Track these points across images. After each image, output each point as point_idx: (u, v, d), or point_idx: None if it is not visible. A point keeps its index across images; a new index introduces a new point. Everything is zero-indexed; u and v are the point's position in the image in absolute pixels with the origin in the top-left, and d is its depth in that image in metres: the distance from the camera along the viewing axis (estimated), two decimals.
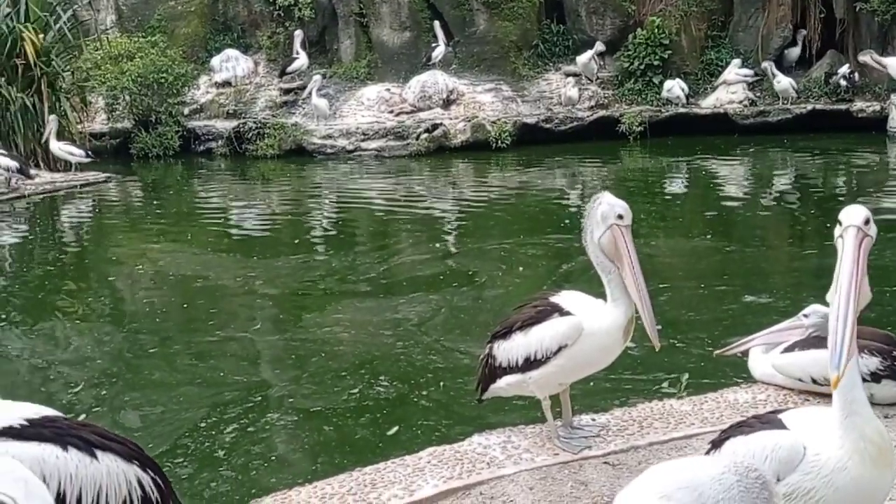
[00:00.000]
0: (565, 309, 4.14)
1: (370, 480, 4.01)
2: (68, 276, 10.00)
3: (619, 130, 16.19)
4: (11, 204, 12.99)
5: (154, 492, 2.87)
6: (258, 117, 16.86)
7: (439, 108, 16.56)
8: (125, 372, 6.68)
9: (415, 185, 14.31)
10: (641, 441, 4.31)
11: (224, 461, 5.16)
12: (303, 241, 10.99)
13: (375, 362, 6.56)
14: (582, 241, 4.12)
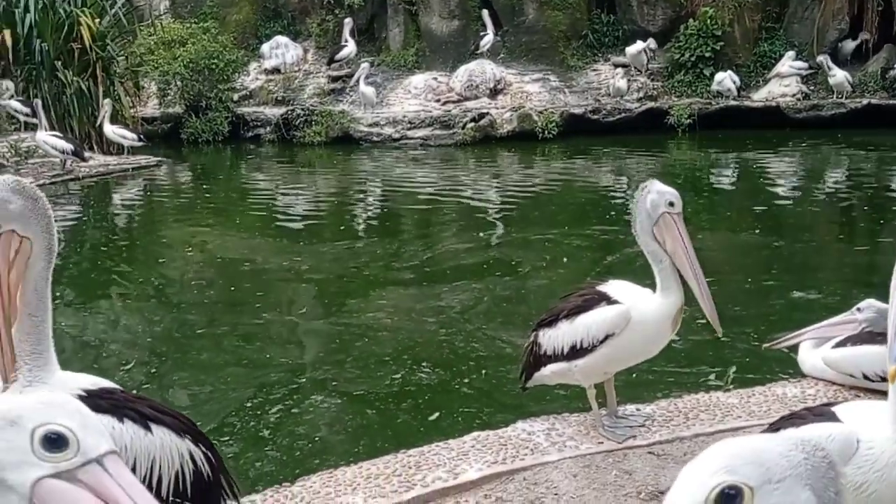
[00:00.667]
0: (613, 298, 4.11)
1: (414, 462, 4.04)
2: (119, 258, 10.20)
3: (667, 123, 16.03)
4: (66, 186, 13.28)
5: (205, 466, 2.93)
6: (306, 104, 17.00)
7: (486, 98, 16.54)
8: (174, 351, 6.82)
9: (460, 174, 14.33)
10: (687, 432, 4.29)
11: (269, 441, 5.25)
12: (348, 227, 11.09)
13: (418, 348, 6.60)
14: (632, 231, 4.09)
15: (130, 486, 1.16)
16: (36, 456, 1.15)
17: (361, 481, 3.89)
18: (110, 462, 1.17)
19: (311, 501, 3.74)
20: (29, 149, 13.64)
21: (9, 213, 2.65)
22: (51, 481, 1.15)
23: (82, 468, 1.16)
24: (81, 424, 1.18)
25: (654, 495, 3.76)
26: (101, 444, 1.18)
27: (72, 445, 1.16)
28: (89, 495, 1.15)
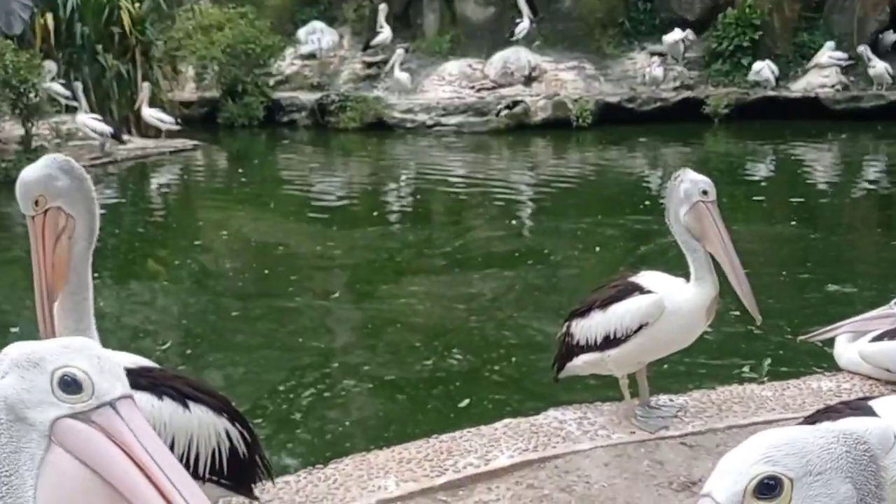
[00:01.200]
0: (646, 288, 4.10)
1: (446, 448, 4.07)
2: (156, 240, 10.35)
3: (703, 112, 15.87)
4: (105, 168, 13.44)
5: (241, 444, 2.99)
6: (341, 90, 17.05)
7: (521, 85, 16.49)
8: (209, 333, 6.92)
9: (493, 162, 14.32)
10: (720, 424, 4.28)
11: (301, 423, 5.32)
12: (381, 213, 11.14)
13: (449, 335, 6.64)
14: (665, 221, 4.08)
15: (140, 431, 1.20)
16: (55, 397, 1.20)
17: (394, 465, 3.93)
18: (123, 406, 1.22)
19: (344, 483, 3.79)
20: (69, 131, 13.84)
21: (56, 189, 2.72)
22: (68, 421, 1.20)
23: (96, 410, 1.21)
24: (98, 369, 1.22)
25: (686, 486, 3.77)
26: (116, 389, 1.22)
27: (87, 388, 1.21)
28: (102, 437, 1.20)
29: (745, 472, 1.13)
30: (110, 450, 1.19)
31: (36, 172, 2.73)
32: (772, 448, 1.13)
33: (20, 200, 2.75)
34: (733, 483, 1.13)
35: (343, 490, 3.74)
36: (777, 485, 1.11)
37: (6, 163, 12.41)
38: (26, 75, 12.69)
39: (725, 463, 1.16)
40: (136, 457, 1.18)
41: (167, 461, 1.20)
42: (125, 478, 1.17)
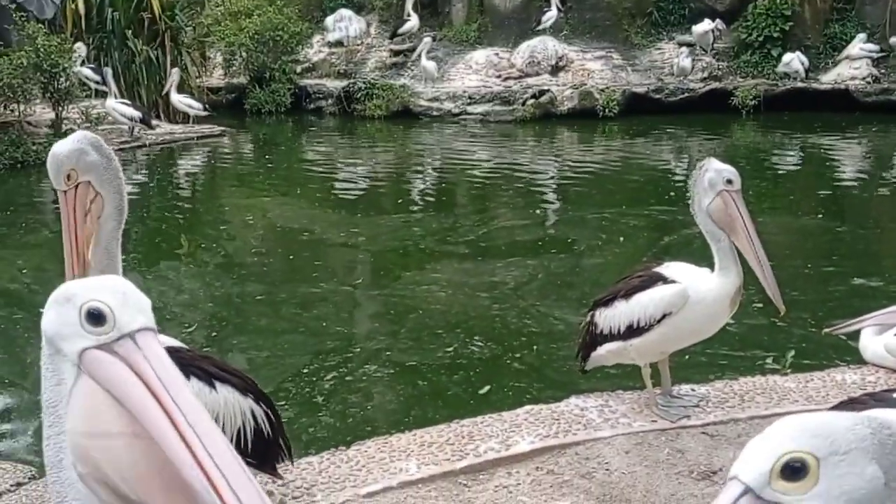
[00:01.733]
0: (670, 278, 4.11)
1: (468, 432, 4.11)
2: (183, 224, 10.45)
3: (731, 104, 15.75)
4: (133, 152, 13.60)
5: (266, 425, 3.04)
6: (368, 78, 17.09)
7: (547, 75, 16.44)
8: (234, 317, 7.00)
9: (518, 151, 14.31)
10: (742, 414, 4.27)
11: (323, 407, 5.37)
12: (405, 200, 11.18)
13: (471, 322, 6.67)
14: (690, 212, 4.07)
15: (157, 361, 1.28)
16: (83, 329, 1.30)
17: (415, 448, 3.97)
18: (142, 337, 1.30)
19: (366, 465, 3.84)
20: (99, 115, 13.99)
21: (87, 164, 2.77)
22: (94, 352, 1.29)
23: (118, 342, 1.29)
24: (121, 302, 1.31)
25: (707, 475, 3.77)
26: (136, 321, 1.30)
27: (109, 321, 1.29)
28: (123, 366, 1.28)
29: (771, 453, 1.14)
30: (129, 378, 1.26)
31: (68, 146, 2.77)
32: (797, 430, 1.14)
33: (52, 174, 2.79)
34: (760, 464, 1.14)
35: (365, 472, 3.78)
36: (803, 466, 1.12)
37: (36, 146, 12.58)
38: (57, 59, 12.84)
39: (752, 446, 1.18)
40: (151, 385, 1.25)
41: (179, 390, 1.26)
42: (139, 405, 1.25)
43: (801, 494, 1.12)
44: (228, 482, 1.21)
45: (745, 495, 1.14)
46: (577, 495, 3.62)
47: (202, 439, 1.24)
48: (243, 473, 1.23)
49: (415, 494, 3.64)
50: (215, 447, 1.24)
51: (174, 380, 1.29)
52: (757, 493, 1.13)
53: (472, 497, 3.64)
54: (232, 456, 1.24)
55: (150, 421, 1.26)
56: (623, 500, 3.58)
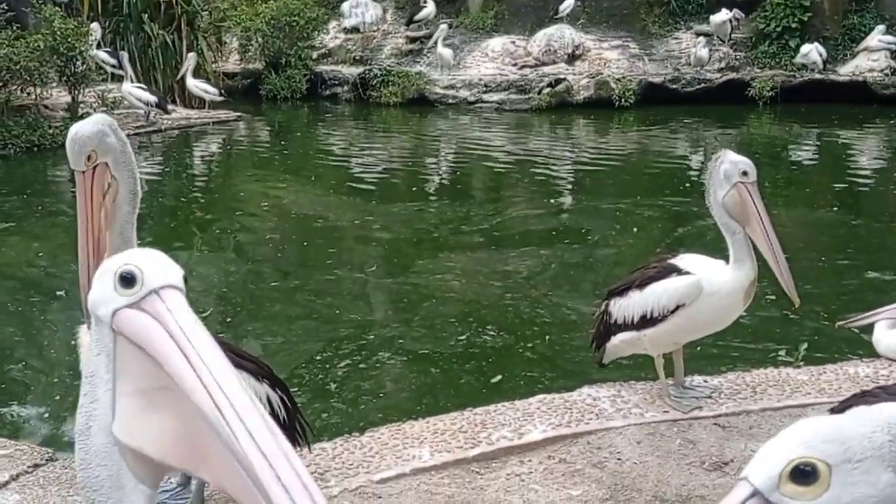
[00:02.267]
0: (684, 269, 4.11)
1: (480, 420, 4.13)
2: (198, 209, 10.51)
3: (748, 94, 15.64)
4: (149, 137, 13.66)
5: (282, 410, 3.08)
6: (383, 64, 17.08)
7: (563, 63, 16.39)
8: (248, 302, 7.05)
9: (534, 140, 14.29)
10: (754, 406, 4.27)
11: (335, 394, 5.42)
12: (420, 189, 11.19)
13: (483, 311, 6.70)
14: (705, 203, 4.07)
15: (177, 311, 1.37)
16: (116, 292, 1.38)
17: (428, 435, 4.00)
18: (166, 293, 1.38)
19: (380, 451, 3.87)
20: (115, 99, 14.05)
21: (106, 146, 2.80)
22: (124, 310, 1.37)
23: (145, 298, 1.37)
24: (149, 264, 1.41)
25: (718, 466, 3.78)
26: (161, 279, 1.39)
27: (139, 280, 1.38)
28: (149, 318, 1.36)
29: (782, 457, 1.14)
30: (155, 329, 1.34)
31: (90, 127, 2.81)
32: (811, 434, 1.13)
33: (73, 155, 2.81)
34: (770, 467, 1.14)
35: (378, 458, 3.82)
36: (814, 471, 1.11)
37: (53, 129, 12.65)
38: (74, 43, 12.90)
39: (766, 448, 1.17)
40: (174, 334, 1.33)
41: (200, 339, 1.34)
42: (162, 352, 1.33)
43: (810, 500, 1.11)
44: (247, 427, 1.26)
45: (752, 497, 1.14)
46: (589, 484, 3.64)
47: (223, 387, 1.30)
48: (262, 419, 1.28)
49: (427, 481, 3.67)
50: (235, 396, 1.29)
51: (195, 329, 1.36)
52: (765, 497, 1.13)
53: (485, 484, 3.66)
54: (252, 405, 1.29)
55: (172, 366, 1.32)
56: (634, 489, 3.60)
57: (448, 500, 3.53)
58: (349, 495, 3.56)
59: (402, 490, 3.60)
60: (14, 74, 12.53)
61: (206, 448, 1.30)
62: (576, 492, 3.60)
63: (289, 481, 1.20)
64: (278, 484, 1.20)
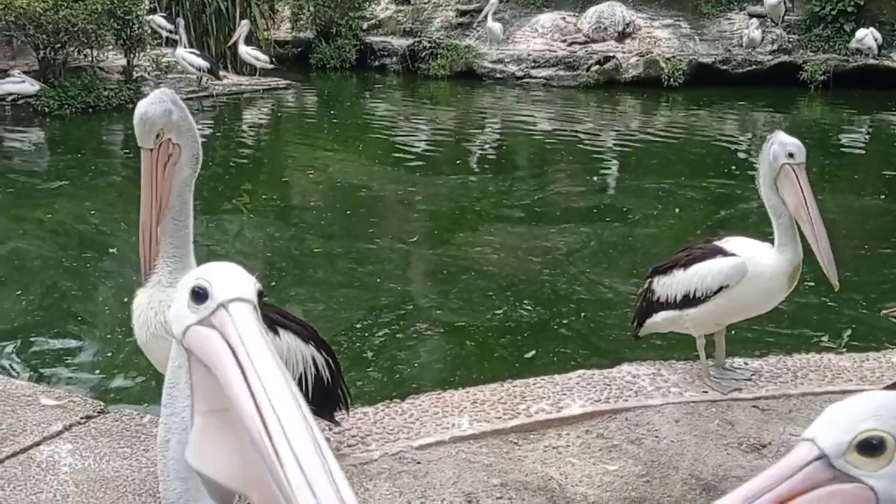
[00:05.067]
0: (729, 251, 4.11)
1: (519, 393, 4.17)
2: (245, 174, 10.69)
3: (799, 78, 15.40)
4: (200, 102, 13.86)
5: (325, 371, 3.17)
6: (433, 37, 17.09)
7: (613, 41, 16.26)
8: (292, 268, 7.20)
9: (580, 117, 14.23)
10: (794, 390, 4.25)
11: (372, 362, 5.50)
12: (463, 162, 11.25)
13: (521, 286, 6.75)
14: (750, 186, 4.06)
15: (244, 327, 1.31)
16: (189, 308, 1.36)
17: (468, 405, 4.06)
18: (234, 307, 1.34)
19: (420, 418, 3.94)
20: (169, 64, 14.28)
21: (171, 122, 2.87)
22: (195, 327, 1.34)
23: (214, 313, 1.34)
24: (219, 278, 1.37)
25: (756, 447, 3.78)
26: (230, 292, 1.35)
27: (209, 295, 1.35)
28: (217, 335, 1.32)
29: (853, 426, 1.16)
30: (219, 345, 1.31)
31: (158, 108, 2.86)
32: (882, 408, 1.16)
33: (142, 135, 2.86)
34: (840, 434, 1.16)
35: (418, 425, 3.89)
36: (881, 444, 1.14)
37: (108, 91, 12.92)
38: (130, 6, 13.11)
39: (834, 413, 1.20)
40: (237, 354, 1.29)
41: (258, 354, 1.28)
42: (225, 375, 1.28)
43: (872, 471, 1.15)
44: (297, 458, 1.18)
45: (818, 460, 1.17)
46: (626, 460, 3.67)
47: (278, 413, 1.22)
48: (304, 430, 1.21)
49: (466, 449, 3.72)
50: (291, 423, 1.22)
51: (258, 347, 1.29)
52: (831, 461, 1.16)
53: (522, 455, 3.70)
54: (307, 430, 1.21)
55: (229, 386, 1.27)
56: (671, 467, 3.62)
57: (485, 469, 3.58)
58: (389, 459, 3.63)
59: (440, 457, 3.65)
60: (72, 36, 12.79)
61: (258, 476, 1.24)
62: (612, 466, 3.62)
63: None
64: None
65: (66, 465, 3.44)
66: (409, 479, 3.51)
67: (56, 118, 12.49)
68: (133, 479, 3.35)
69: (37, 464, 3.46)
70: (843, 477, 1.15)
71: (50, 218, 8.48)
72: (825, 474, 1.16)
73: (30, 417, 3.78)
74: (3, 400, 3.93)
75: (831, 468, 1.16)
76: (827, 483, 1.16)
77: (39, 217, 8.52)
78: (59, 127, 12.36)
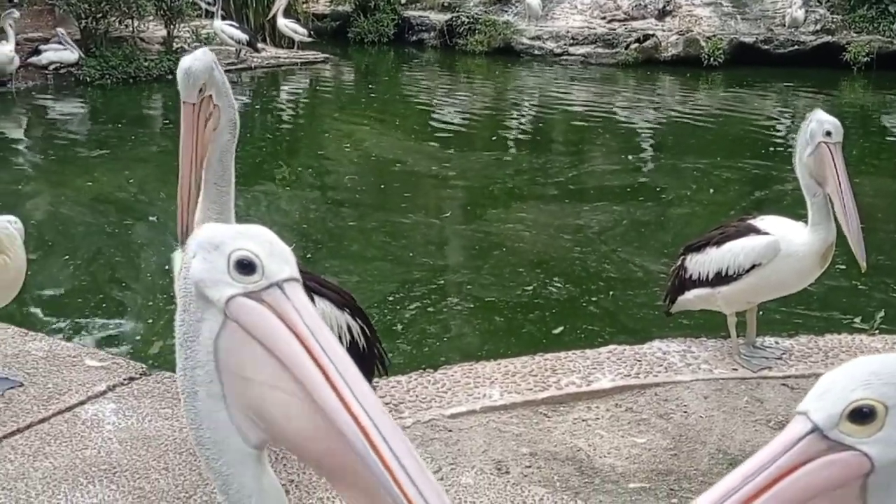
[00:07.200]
0: (763, 230, 4.12)
1: (550, 366, 4.23)
2: (282, 147, 10.83)
3: (842, 59, 15.16)
4: (239, 74, 14.00)
5: (361, 339, 3.24)
6: (471, 12, 17.04)
7: (653, 19, 16.12)
8: (328, 240, 7.32)
9: (617, 95, 14.17)
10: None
11: (402, 335, 5.60)
12: (499, 138, 11.28)
13: (552, 263, 6.81)
14: (785, 168, 4.06)
15: (304, 309, 1.33)
16: (230, 277, 1.34)
17: (499, 377, 4.12)
18: (289, 287, 1.34)
19: (452, 388, 4.02)
20: (208, 36, 14.41)
21: (214, 78, 2.93)
22: (241, 299, 1.33)
23: (266, 290, 1.33)
24: (269, 252, 1.35)
25: (784, 425, 3.78)
26: (284, 271, 1.35)
27: (258, 270, 1.33)
28: (270, 313, 1.32)
29: (843, 396, 1.18)
30: (277, 325, 1.31)
31: (202, 60, 2.92)
32: (872, 375, 1.18)
33: (186, 87, 2.92)
34: (831, 405, 1.19)
35: (450, 394, 3.97)
36: (871, 412, 1.16)
37: (148, 62, 13.10)
38: None
39: (825, 384, 1.23)
40: (299, 333, 1.31)
41: (325, 338, 1.32)
42: (288, 351, 1.30)
43: (864, 437, 1.17)
44: (379, 430, 1.24)
45: (812, 433, 1.20)
46: (654, 433, 3.72)
47: (352, 388, 1.27)
48: (391, 422, 1.26)
49: (496, 419, 3.79)
50: (365, 397, 1.27)
51: (323, 330, 1.33)
52: (824, 433, 1.19)
53: (552, 426, 3.76)
54: (381, 407, 1.27)
55: (300, 369, 1.29)
56: (699, 441, 3.66)
57: (515, 439, 3.65)
58: (421, 426, 3.71)
59: (471, 426, 3.73)
60: (113, 6, 12.97)
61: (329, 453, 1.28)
62: (640, 440, 3.67)
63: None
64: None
65: (110, 424, 3.58)
66: (441, 447, 3.59)
67: (97, 88, 12.69)
68: (174, 439, 3.48)
69: (82, 421, 3.60)
70: (838, 446, 1.19)
71: (90, 186, 8.68)
72: (820, 445, 1.20)
73: (75, 378, 3.92)
74: (49, 360, 4.08)
75: (826, 439, 1.19)
76: (823, 454, 1.19)
77: (81, 184, 8.72)
78: (100, 96, 12.57)
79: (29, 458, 3.35)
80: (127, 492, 3.15)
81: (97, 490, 3.16)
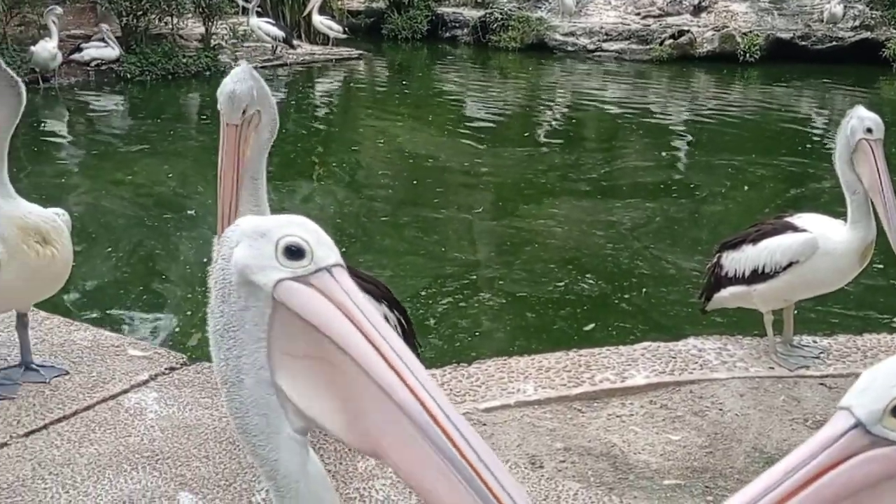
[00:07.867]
0: (800, 227, 4.08)
1: (585, 362, 4.23)
2: (316, 142, 10.92)
3: (881, 56, 14.96)
4: (274, 70, 14.14)
5: (398, 330, 3.30)
6: (504, 9, 17.05)
7: (688, 14, 16.02)
8: (361, 234, 7.39)
9: (651, 91, 14.10)
10: (863, 370, 4.11)
11: (434, 329, 5.63)
12: (531, 134, 11.29)
13: (583, 259, 6.81)
14: (822, 165, 4.03)
15: (352, 292, 1.39)
16: (278, 262, 1.38)
17: (533, 372, 4.13)
18: (337, 272, 1.40)
19: (486, 382, 4.04)
20: (245, 32, 14.56)
21: (255, 97, 3.00)
22: (290, 282, 1.37)
23: (314, 274, 1.39)
24: (316, 239, 1.41)
25: (821, 424, 3.70)
26: (331, 257, 1.41)
27: (307, 255, 1.39)
28: (319, 295, 1.38)
29: (886, 392, 1.17)
30: (328, 307, 1.37)
31: (243, 85, 2.98)
32: None
33: (230, 111, 2.98)
34: (873, 401, 1.18)
35: (484, 388, 3.99)
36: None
37: (186, 59, 13.27)
38: None
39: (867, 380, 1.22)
40: (350, 313, 1.36)
41: (375, 318, 1.37)
42: (341, 330, 1.35)
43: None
44: (439, 404, 1.27)
45: (855, 429, 1.19)
46: (689, 431, 3.70)
47: (407, 364, 1.32)
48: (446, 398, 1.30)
49: (530, 414, 3.80)
50: (420, 373, 1.31)
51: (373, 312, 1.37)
52: (867, 428, 1.18)
53: (586, 422, 3.77)
54: (435, 383, 1.33)
55: (354, 348, 1.33)
56: (734, 440, 3.65)
57: (549, 434, 3.66)
58: None
59: (505, 420, 3.74)
60: (153, 4, 13.16)
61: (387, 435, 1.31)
62: (675, 437, 3.65)
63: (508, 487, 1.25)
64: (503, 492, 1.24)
65: (153, 412, 3.68)
66: None
67: (137, 84, 12.89)
68: (214, 428, 3.57)
69: (125, 409, 3.70)
70: (882, 441, 1.19)
71: (131, 179, 8.83)
72: (863, 441, 1.19)
73: (118, 367, 4.02)
74: (93, 349, 4.19)
75: (869, 434, 1.19)
76: (866, 449, 1.19)
77: (122, 178, 8.87)
78: (140, 92, 12.76)
79: (75, 444, 3.45)
80: (169, 478, 3.24)
81: (140, 476, 3.25)
